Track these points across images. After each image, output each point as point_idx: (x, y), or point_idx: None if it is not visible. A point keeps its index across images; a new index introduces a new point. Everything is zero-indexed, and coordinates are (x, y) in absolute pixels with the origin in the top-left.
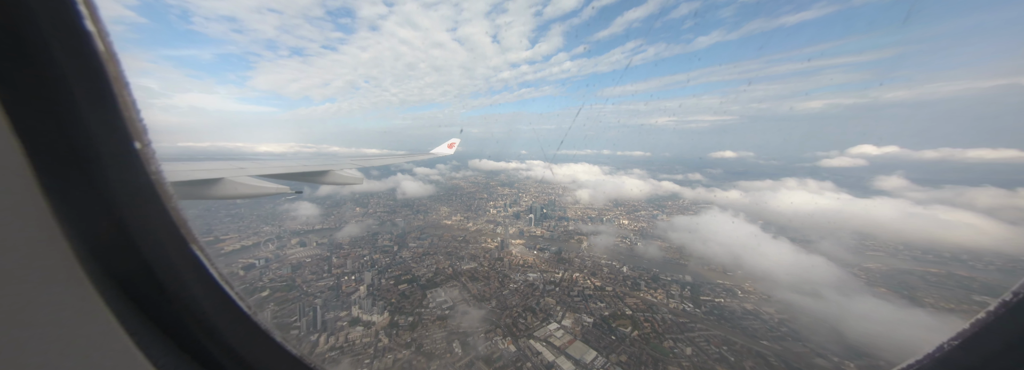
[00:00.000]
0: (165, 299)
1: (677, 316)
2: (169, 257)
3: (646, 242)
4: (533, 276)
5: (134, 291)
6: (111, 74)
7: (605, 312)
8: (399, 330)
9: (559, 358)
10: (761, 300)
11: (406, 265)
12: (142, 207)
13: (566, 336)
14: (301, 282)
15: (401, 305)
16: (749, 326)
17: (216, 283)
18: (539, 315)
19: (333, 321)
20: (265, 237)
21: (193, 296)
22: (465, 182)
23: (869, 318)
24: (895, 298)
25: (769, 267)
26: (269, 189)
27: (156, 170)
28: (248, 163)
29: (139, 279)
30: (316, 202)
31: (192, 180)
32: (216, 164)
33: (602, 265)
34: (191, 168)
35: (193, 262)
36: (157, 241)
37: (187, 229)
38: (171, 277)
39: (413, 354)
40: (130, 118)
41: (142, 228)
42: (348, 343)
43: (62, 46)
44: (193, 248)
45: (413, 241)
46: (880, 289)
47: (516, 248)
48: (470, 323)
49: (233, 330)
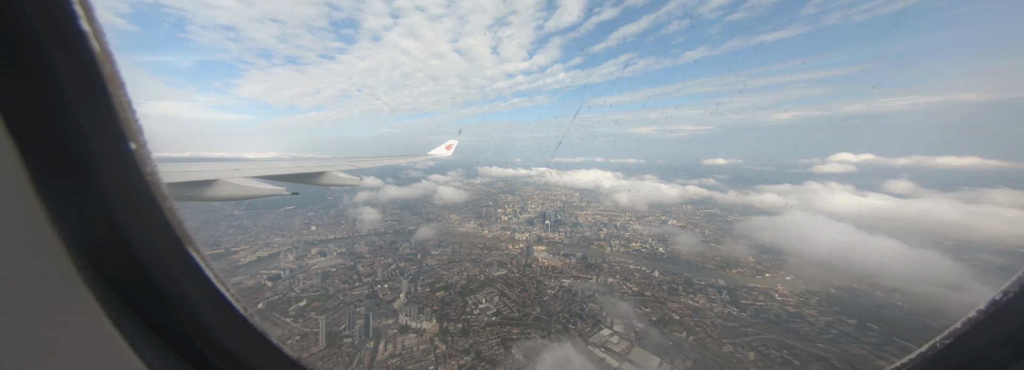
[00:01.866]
0: (161, 301)
1: (726, 320)
2: (165, 258)
3: (733, 241)
4: (567, 281)
5: (129, 293)
6: (106, 74)
7: (652, 317)
8: (452, 337)
9: (623, 364)
10: (823, 301)
11: (436, 272)
12: (138, 208)
13: (623, 342)
14: (334, 291)
15: (445, 312)
16: (799, 329)
17: (212, 285)
18: (588, 321)
19: (383, 329)
20: (278, 248)
21: (189, 298)
22: (491, 189)
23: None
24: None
25: (883, 262)
26: (264, 190)
27: (152, 171)
28: (243, 164)
29: (134, 281)
30: (322, 210)
31: (187, 181)
32: (211, 165)
33: (632, 270)
34: (185, 169)
35: (189, 264)
36: (153, 242)
37: (183, 230)
38: (167, 279)
39: (474, 360)
40: (126, 118)
41: (138, 229)
42: (406, 350)
43: (57, 46)
44: (189, 249)
45: (434, 248)
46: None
47: (540, 254)
48: (521, 329)
49: (229, 332)
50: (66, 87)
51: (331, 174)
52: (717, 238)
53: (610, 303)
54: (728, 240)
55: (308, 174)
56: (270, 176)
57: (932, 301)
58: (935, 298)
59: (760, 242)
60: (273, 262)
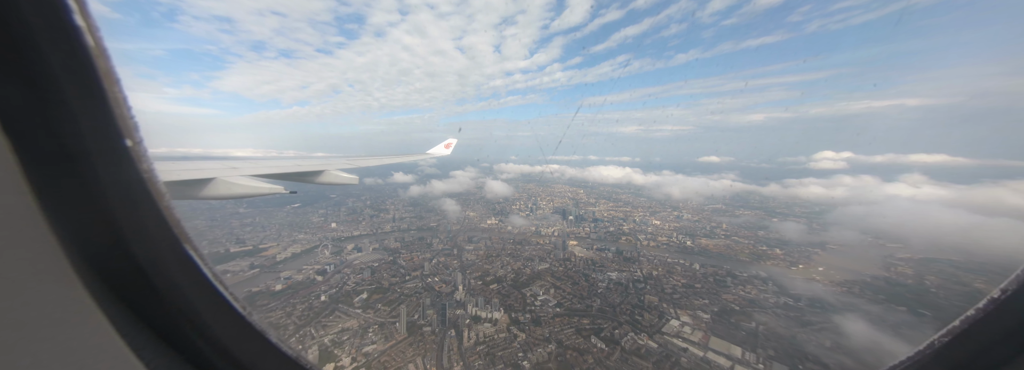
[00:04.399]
0: (158, 299)
1: (786, 310)
2: (162, 256)
3: (841, 229)
4: (614, 275)
5: (126, 291)
6: (101, 70)
7: (713, 308)
8: (527, 326)
9: (707, 353)
10: (866, 288)
11: (479, 266)
12: (134, 205)
13: (697, 332)
14: (388, 284)
15: (508, 303)
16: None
17: (210, 283)
18: (653, 312)
19: (454, 319)
20: (307, 244)
21: (186, 296)
22: (536, 185)
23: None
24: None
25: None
26: (263, 189)
27: (148, 168)
28: (241, 163)
29: (131, 279)
30: (331, 208)
31: (183, 180)
32: (208, 164)
33: (672, 263)
34: (182, 167)
35: (186, 262)
36: (149, 240)
37: (180, 228)
38: (164, 277)
39: (558, 348)
40: (121, 115)
41: (134, 227)
42: (487, 338)
43: (50, 41)
44: (186, 247)
45: (466, 244)
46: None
47: (574, 248)
48: (589, 320)
49: (227, 330)
50: (61, 83)
51: (330, 173)
52: (817, 227)
53: (665, 295)
54: (835, 228)
55: (306, 173)
56: (268, 174)
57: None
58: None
59: (872, 229)
60: (310, 258)
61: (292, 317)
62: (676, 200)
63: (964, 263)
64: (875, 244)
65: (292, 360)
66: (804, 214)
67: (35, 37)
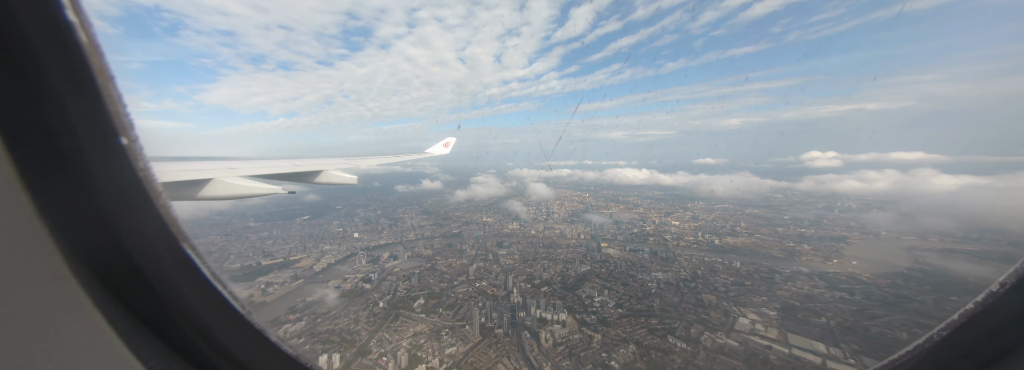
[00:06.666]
0: (156, 299)
1: (846, 304)
2: (159, 256)
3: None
4: (660, 275)
5: (124, 291)
6: (95, 66)
7: (775, 304)
8: (596, 327)
9: (792, 350)
10: (910, 280)
11: (521, 270)
12: (130, 204)
13: (771, 329)
14: (439, 290)
15: (568, 305)
16: (917, 308)
17: (208, 282)
18: (718, 310)
19: (521, 321)
20: (339, 254)
21: (184, 295)
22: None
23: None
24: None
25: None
26: (261, 189)
27: (144, 166)
28: (239, 163)
29: (128, 278)
30: (344, 218)
31: (180, 180)
32: (205, 164)
33: (710, 262)
34: (179, 168)
35: (184, 261)
36: (146, 239)
37: (178, 227)
38: (161, 276)
39: (639, 348)
40: (115, 113)
41: (130, 225)
42: (563, 339)
43: (43, 38)
44: (184, 246)
45: (497, 249)
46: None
47: (608, 250)
48: (657, 319)
49: (227, 329)
50: (54, 80)
51: (328, 173)
52: (828, 222)
53: (720, 293)
54: (927, 219)
55: (305, 173)
56: (266, 175)
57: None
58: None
59: (888, 223)
60: (347, 267)
61: (360, 323)
62: (701, 198)
63: (986, 252)
64: (891, 237)
65: (292, 359)
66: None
67: (27, 33)
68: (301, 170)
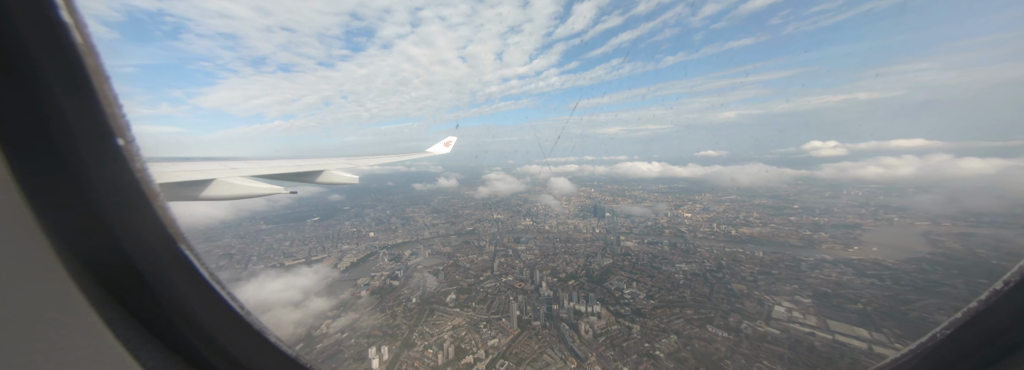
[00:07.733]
0: (154, 299)
1: (879, 291)
2: (157, 256)
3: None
4: (684, 266)
5: (122, 291)
6: (90, 67)
7: (807, 292)
8: (633, 318)
9: (836, 336)
10: (937, 266)
11: (544, 265)
12: (127, 205)
13: (809, 317)
14: (466, 285)
15: (600, 298)
16: (946, 292)
17: (206, 282)
18: (752, 299)
19: (556, 313)
20: (360, 253)
21: (182, 295)
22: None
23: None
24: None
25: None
26: (263, 189)
27: (141, 167)
28: (240, 163)
29: (126, 279)
30: (356, 219)
31: (183, 181)
32: (207, 165)
33: (732, 252)
34: (181, 169)
35: (182, 261)
36: (144, 240)
37: (175, 228)
38: (160, 276)
39: (679, 338)
40: (112, 113)
41: (127, 226)
42: (602, 330)
43: (38, 38)
44: (181, 247)
45: (515, 244)
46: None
47: (627, 243)
48: (692, 309)
49: (225, 330)
50: (49, 81)
51: (330, 173)
52: (838, 211)
53: (749, 282)
54: (863, 209)
55: (306, 173)
56: (268, 175)
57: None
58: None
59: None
60: (371, 265)
61: (398, 318)
62: (707, 190)
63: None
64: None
65: (291, 359)
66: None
67: (22, 34)
68: (303, 170)
